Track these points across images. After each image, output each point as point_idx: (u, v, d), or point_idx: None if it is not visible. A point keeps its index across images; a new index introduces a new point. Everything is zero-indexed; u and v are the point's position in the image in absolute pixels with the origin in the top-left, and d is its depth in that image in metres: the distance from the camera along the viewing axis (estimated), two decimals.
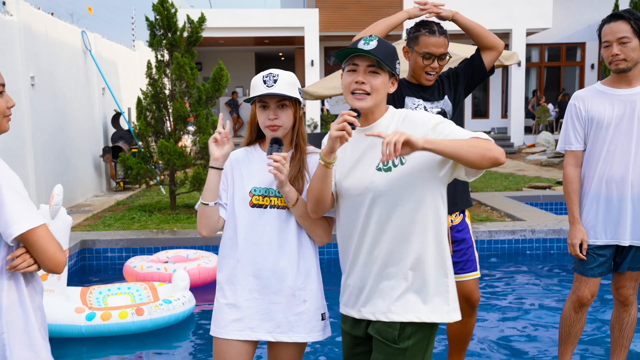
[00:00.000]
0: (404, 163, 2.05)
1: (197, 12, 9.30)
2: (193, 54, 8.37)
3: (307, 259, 2.35)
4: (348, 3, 17.77)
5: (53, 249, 1.80)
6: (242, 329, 2.30)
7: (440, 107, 3.03)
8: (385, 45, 2.06)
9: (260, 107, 2.26)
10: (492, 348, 4.08)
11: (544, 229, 6.49)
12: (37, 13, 8.47)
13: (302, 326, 2.32)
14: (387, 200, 2.06)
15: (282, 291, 2.29)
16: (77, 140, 9.74)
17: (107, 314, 4.23)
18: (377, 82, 2.05)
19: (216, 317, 2.35)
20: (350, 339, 2.29)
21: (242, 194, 2.29)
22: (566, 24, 19.40)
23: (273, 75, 2.24)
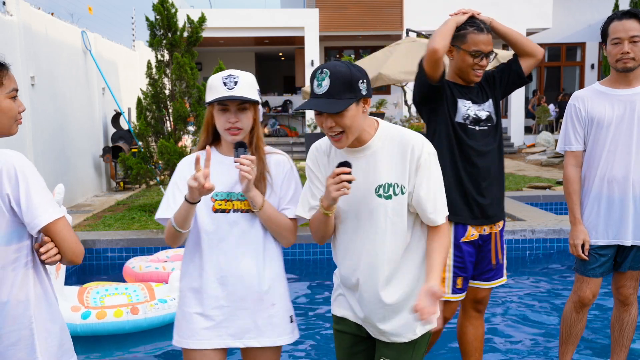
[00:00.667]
0: (404, 193, 2.08)
1: (197, 12, 9.30)
2: (193, 54, 8.37)
3: (273, 261, 2.30)
4: (348, 3, 17.77)
5: (75, 239, 1.85)
6: (210, 337, 2.24)
7: (487, 110, 2.95)
8: (338, 77, 1.95)
9: (220, 110, 2.18)
10: (492, 348, 4.08)
11: (544, 229, 6.49)
12: (37, 13, 8.47)
13: (272, 330, 2.28)
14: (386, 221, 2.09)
15: (249, 296, 2.24)
16: (77, 140, 9.74)
17: (102, 312, 4.24)
18: (345, 121, 1.97)
19: (181, 326, 2.28)
20: (349, 338, 2.29)
21: (204, 200, 2.19)
22: (566, 24, 19.40)
23: (233, 77, 2.16)
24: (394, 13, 17.73)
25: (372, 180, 2.08)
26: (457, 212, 2.86)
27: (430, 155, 2.08)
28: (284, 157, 2.34)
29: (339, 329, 2.32)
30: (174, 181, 2.28)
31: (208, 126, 2.28)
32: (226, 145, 2.28)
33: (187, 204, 2.11)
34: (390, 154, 2.08)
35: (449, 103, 2.88)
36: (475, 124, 2.90)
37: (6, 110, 1.89)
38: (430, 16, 17.48)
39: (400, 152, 2.07)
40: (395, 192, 2.07)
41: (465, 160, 2.87)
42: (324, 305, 5.02)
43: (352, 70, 1.98)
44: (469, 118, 2.88)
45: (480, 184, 2.88)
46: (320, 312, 4.88)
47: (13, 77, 1.93)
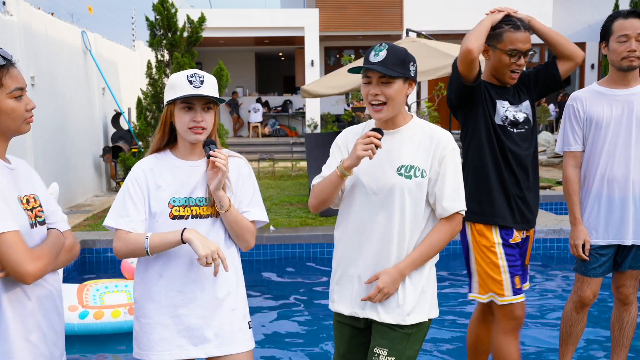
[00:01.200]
0: (424, 177, 2.18)
1: (197, 12, 9.30)
2: (193, 54, 8.37)
3: (232, 267, 2.23)
4: (348, 3, 17.77)
5: (17, 258, 1.70)
6: (170, 347, 2.17)
7: (524, 112, 2.83)
8: (394, 52, 2.11)
9: (184, 109, 2.12)
10: None
11: (544, 229, 6.49)
12: (37, 13, 8.47)
13: (233, 337, 2.22)
14: (401, 203, 2.17)
15: (209, 303, 2.18)
16: (77, 140, 9.74)
17: (99, 312, 4.24)
18: (390, 92, 2.12)
19: (139, 338, 2.20)
20: (350, 330, 2.34)
21: (160, 206, 2.14)
22: (566, 24, 19.39)
23: (199, 76, 2.13)
24: (394, 13, 17.73)
25: (396, 160, 2.18)
26: (503, 216, 2.77)
27: (455, 151, 2.21)
28: (242, 160, 2.30)
29: (339, 320, 2.36)
30: (127, 190, 2.17)
31: (165, 126, 2.20)
32: (184, 147, 2.20)
33: (178, 241, 2.07)
34: (418, 142, 2.21)
35: (488, 104, 2.77)
36: (513, 127, 2.79)
37: (8, 111, 1.80)
38: (430, 16, 17.49)
39: (427, 142, 2.20)
40: (416, 174, 2.17)
41: (507, 163, 2.77)
42: (323, 300, 5.02)
43: (407, 52, 2.16)
44: (507, 120, 2.78)
45: (521, 189, 2.80)
46: (320, 306, 4.89)
47: (17, 75, 1.82)
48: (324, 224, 7.16)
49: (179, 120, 2.14)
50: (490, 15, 2.78)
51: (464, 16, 17.67)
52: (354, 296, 2.27)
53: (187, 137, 2.15)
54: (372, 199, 2.20)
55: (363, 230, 2.23)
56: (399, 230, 2.18)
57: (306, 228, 6.88)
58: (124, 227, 2.13)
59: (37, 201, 1.90)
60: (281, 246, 6.45)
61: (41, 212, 1.90)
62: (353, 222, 2.25)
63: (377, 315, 2.22)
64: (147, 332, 2.18)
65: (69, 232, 2.01)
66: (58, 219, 1.97)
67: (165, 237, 2.08)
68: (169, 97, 2.14)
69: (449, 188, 2.18)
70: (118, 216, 2.15)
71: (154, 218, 2.16)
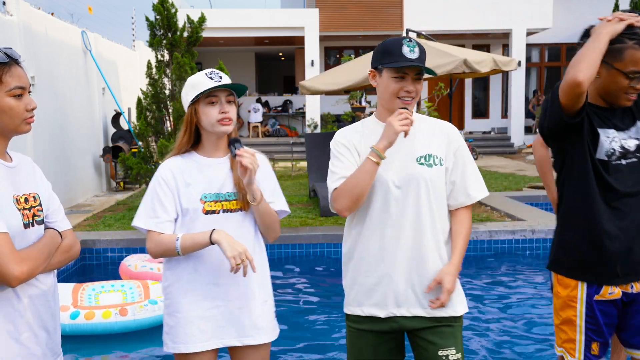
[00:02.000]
0: (443, 165, 2.20)
1: (197, 12, 9.30)
2: (193, 54, 8.37)
3: (262, 259, 2.34)
4: (348, 3, 17.77)
5: (1, 260, 1.69)
6: (208, 339, 2.25)
7: (635, 137, 2.32)
8: (423, 49, 2.17)
9: (209, 104, 2.20)
10: (492, 348, 4.08)
11: (544, 229, 6.49)
12: (37, 13, 8.47)
13: (266, 326, 2.33)
14: (427, 192, 2.17)
15: (244, 295, 2.27)
16: (77, 140, 9.74)
17: (90, 313, 4.23)
18: (420, 87, 2.17)
19: (175, 332, 2.25)
20: (374, 336, 2.23)
21: (193, 203, 2.21)
22: (566, 24, 19.39)
23: (217, 72, 2.23)
24: (394, 13, 17.73)
25: (412, 151, 2.19)
26: (589, 268, 2.33)
27: (462, 139, 2.27)
28: (261, 155, 2.36)
29: (361, 327, 2.24)
30: (155, 190, 2.25)
31: (192, 126, 2.26)
32: (209, 145, 2.28)
33: (207, 242, 2.15)
34: (429, 131, 2.23)
35: (588, 136, 2.28)
36: (621, 158, 2.29)
37: (6, 109, 1.78)
38: (430, 16, 17.49)
39: (436, 132, 2.24)
40: (435, 162, 2.18)
41: (606, 203, 2.28)
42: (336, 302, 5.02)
43: None
44: (614, 154, 2.28)
45: (626, 233, 2.28)
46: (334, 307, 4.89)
47: (20, 74, 1.80)
48: (324, 224, 7.16)
49: (205, 116, 2.21)
50: (608, 25, 2.19)
51: (464, 16, 17.68)
52: (389, 296, 2.18)
53: (216, 130, 2.22)
54: (395, 193, 2.15)
55: (390, 227, 2.16)
56: (430, 221, 2.17)
57: (306, 228, 6.88)
58: (154, 228, 2.21)
59: (37, 200, 1.88)
60: (281, 246, 6.45)
61: (40, 212, 1.88)
62: (376, 220, 2.18)
63: (425, 311, 2.18)
64: (183, 326, 2.24)
65: (69, 232, 1.98)
66: (59, 218, 1.96)
67: (195, 239, 2.16)
68: (193, 95, 2.21)
69: (472, 176, 2.22)
70: (147, 217, 2.23)
71: (187, 215, 2.23)
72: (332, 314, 4.80)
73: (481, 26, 17.87)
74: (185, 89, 2.26)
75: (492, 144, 18.14)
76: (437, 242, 2.19)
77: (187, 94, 2.25)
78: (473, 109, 20.83)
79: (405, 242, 2.16)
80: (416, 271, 2.17)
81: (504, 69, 8.35)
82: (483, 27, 17.91)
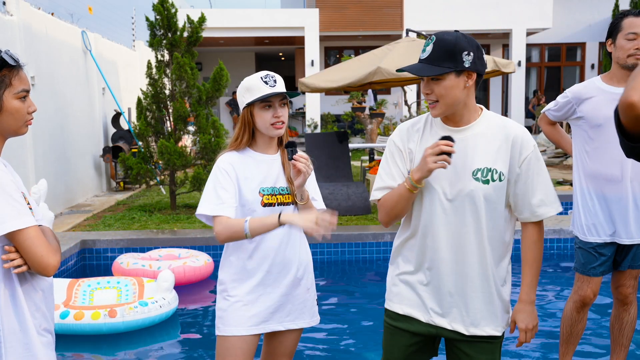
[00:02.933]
0: (502, 180, 2.03)
1: (197, 12, 9.30)
2: (193, 54, 8.37)
3: (307, 250, 2.52)
4: (348, 3, 17.77)
5: (41, 251, 1.80)
6: (257, 323, 2.39)
7: None
8: (442, 44, 1.96)
9: (264, 107, 2.32)
10: None
11: (544, 229, 6.48)
12: (37, 13, 8.47)
13: (307, 312, 2.50)
14: (479, 209, 2.04)
15: (292, 282, 2.42)
16: (77, 140, 9.74)
17: (80, 313, 4.23)
18: (440, 89, 1.98)
19: (227, 316, 2.39)
20: (409, 336, 2.20)
21: (253, 195, 2.35)
22: (566, 24, 19.40)
23: (272, 76, 2.35)
24: (394, 13, 17.73)
25: (471, 162, 2.02)
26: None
27: (537, 147, 2.07)
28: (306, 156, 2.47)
29: (397, 325, 2.22)
30: (218, 179, 2.34)
31: (248, 126, 2.38)
32: (263, 143, 2.41)
33: (276, 224, 2.25)
34: (493, 139, 2.04)
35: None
36: None
37: (13, 111, 1.86)
38: (430, 16, 17.49)
39: (504, 139, 2.03)
40: (494, 177, 2.01)
41: None
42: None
43: (458, 40, 1.96)
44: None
45: None
46: None
47: (24, 77, 1.89)
48: None
49: (260, 119, 2.34)
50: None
51: (464, 16, 17.68)
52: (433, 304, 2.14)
53: (270, 133, 2.36)
54: (445, 206, 2.04)
55: (437, 238, 2.07)
56: (476, 239, 2.04)
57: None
58: (221, 212, 2.29)
59: (26, 198, 1.93)
60: None
61: (31, 209, 1.93)
62: (425, 227, 2.09)
63: (466, 329, 2.11)
64: (236, 310, 2.38)
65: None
66: (40, 217, 2.02)
67: (263, 221, 2.27)
68: (248, 99, 2.33)
69: (541, 192, 2.05)
70: (214, 204, 2.31)
71: (246, 206, 2.35)
72: (331, 313, 4.80)
73: (481, 26, 17.87)
74: (240, 90, 2.37)
75: None
76: (484, 265, 2.06)
77: (242, 96, 2.36)
78: None
79: (450, 258, 2.08)
80: (462, 288, 2.09)
81: (503, 71, 8.38)
82: (483, 27, 17.91)
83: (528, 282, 2.12)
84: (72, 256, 5.92)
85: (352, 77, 7.89)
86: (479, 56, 1.99)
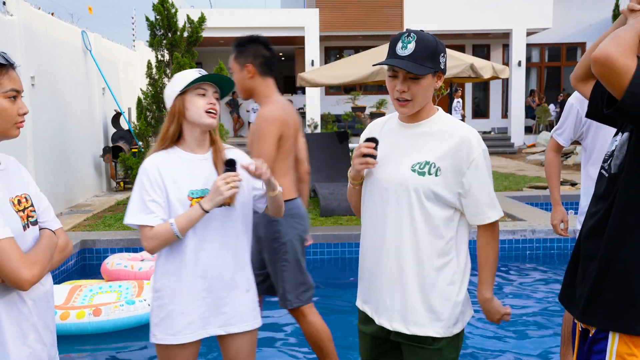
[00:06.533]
0: (438, 176, 2.02)
1: (197, 12, 9.30)
2: (193, 54, 8.38)
3: (246, 251, 2.42)
4: (348, 3, 17.77)
5: (13, 266, 1.70)
6: (196, 329, 2.31)
7: None
8: (424, 43, 1.95)
9: (199, 95, 2.26)
10: (493, 349, 4.08)
11: (544, 229, 6.49)
12: (37, 13, 8.47)
13: (248, 314, 2.40)
14: (412, 200, 2.03)
15: (228, 285, 2.34)
16: (77, 140, 9.74)
17: (65, 313, 4.21)
18: (417, 88, 1.98)
19: (164, 324, 2.30)
20: (370, 339, 2.23)
21: (181, 199, 2.24)
22: (566, 24, 19.39)
23: (204, 71, 2.28)
24: (394, 13, 17.73)
25: (412, 155, 2.05)
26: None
27: (485, 152, 2.06)
28: (237, 150, 2.44)
29: (361, 328, 2.27)
30: (143, 186, 2.23)
31: (179, 118, 2.28)
32: (192, 141, 2.31)
33: (202, 213, 2.20)
34: (441, 138, 2.04)
35: None
36: None
37: (1, 111, 1.78)
38: (430, 16, 17.49)
39: (451, 139, 2.03)
40: (430, 171, 2.01)
41: None
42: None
43: (437, 42, 2.00)
44: None
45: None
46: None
47: (15, 77, 1.82)
48: (324, 224, 7.16)
49: (193, 107, 2.25)
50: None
51: (464, 16, 17.68)
52: (378, 303, 2.14)
53: (203, 121, 2.26)
54: (383, 194, 2.08)
55: (377, 228, 2.11)
56: (410, 231, 2.03)
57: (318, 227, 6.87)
58: (148, 222, 2.21)
59: (29, 201, 1.87)
60: None
61: (33, 212, 1.88)
62: (368, 218, 2.16)
63: (406, 328, 2.07)
64: (173, 318, 2.30)
65: (61, 231, 1.99)
66: (50, 218, 1.96)
67: (189, 216, 2.21)
68: (181, 87, 2.25)
69: (486, 194, 2.05)
70: (140, 213, 2.23)
71: (178, 211, 2.25)
72: (331, 313, 4.79)
73: (481, 26, 17.87)
74: (172, 83, 2.29)
75: (493, 144, 18.12)
76: (419, 257, 2.04)
77: (173, 86, 2.28)
78: (473, 109, 20.83)
79: (387, 249, 2.08)
80: (399, 283, 2.07)
81: (500, 76, 8.67)
82: (483, 27, 17.91)
83: (482, 281, 2.16)
84: (72, 256, 5.92)
85: (352, 75, 7.89)
86: (447, 58, 2.07)
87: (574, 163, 13.00)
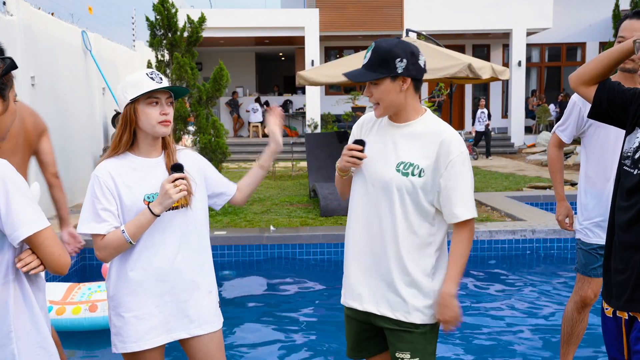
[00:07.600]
0: (422, 177, 2.14)
1: (197, 12, 9.30)
2: (193, 54, 8.37)
3: (206, 252, 2.40)
4: (348, 3, 17.77)
5: (58, 251, 1.81)
6: (159, 334, 2.28)
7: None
8: (378, 51, 2.11)
9: (151, 104, 2.19)
10: (493, 349, 4.08)
11: (544, 229, 6.49)
12: (37, 13, 8.46)
13: (212, 316, 2.39)
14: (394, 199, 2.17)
15: (189, 287, 2.31)
16: (77, 140, 9.73)
17: (62, 308, 4.20)
18: (378, 92, 2.14)
19: (124, 332, 2.26)
20: (356, 324, 2.35)
21: (136, 205, 2.20)
22: (566, 24, 19.39)
23: (157, 74, 2.22)
24: (394, 13, 17.73)
25: (398, 155, 2.18)
26: None
27: (464, 154, 2.15)
28: (189, 150, 2.43)
29: (347, 314, 2.37)
30: (95, 195, 2.20)
31: (131, 126, 2.22)
32: (145, 146, 2.27)
33: (152, 217, 2.17)
34: (425, 139, 2.17)
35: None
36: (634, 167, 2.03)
37: (13, 111, 1.90)
38: (430, 16, 17.49)
39: (434, 140, 2.15)
40: (414, 172, 2.14)
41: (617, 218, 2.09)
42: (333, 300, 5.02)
43: (394, 48, 2.09)
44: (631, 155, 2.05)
45: None
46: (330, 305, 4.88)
47: None
48: (324, 224, 7.16)
49: (146, 116, 2.20)
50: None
51: (464, 16, 17.68)
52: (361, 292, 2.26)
53: (157, 131, 2.22)
54: (370, 190, 2.21)
55: (363, 223, 2.24)
56: (392, 228, 2.16)
57: (306, 228, 6.87)
58: (99, 231, 2.18)
59: None
60: (281, 246, 6.45)
61: None
62: (355, 213, 2.28)
63: (392, 313, 2.21)
64: (134, 325, 2.25)
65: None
66: None
67: (139, 222, 2.17)
68: (133, 94, 2.17)
69: (460, 194, 2.13)
70: (92, 222, 2.19)
71: (131, 217, 2.21)
72: (331, 314, 4.79)
73: (481, 26, 17.87)
74: (124, 87, 2.21)
75: (493, 144, 18.12)
76: (398, 253, 2.17)
77: (125, 92, 2.19)
78: (473, 109, 20.82)
79: (370, 243, 2.23)
80: (380, 275, 2.21)
81: (500, 78, 8.64)
82: (483, 27, 17.91)
83: (450, 275, 2.19)
84: (72, 256, 5.92)
85: None
86: (413, 62, 2.11)
87: (574, 163, 13.00)
